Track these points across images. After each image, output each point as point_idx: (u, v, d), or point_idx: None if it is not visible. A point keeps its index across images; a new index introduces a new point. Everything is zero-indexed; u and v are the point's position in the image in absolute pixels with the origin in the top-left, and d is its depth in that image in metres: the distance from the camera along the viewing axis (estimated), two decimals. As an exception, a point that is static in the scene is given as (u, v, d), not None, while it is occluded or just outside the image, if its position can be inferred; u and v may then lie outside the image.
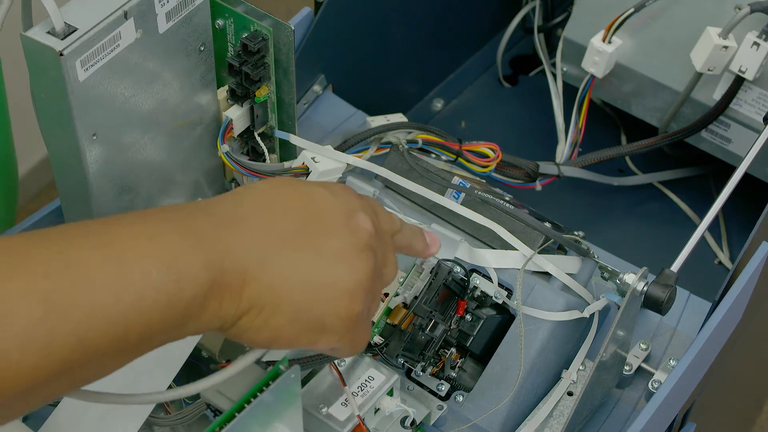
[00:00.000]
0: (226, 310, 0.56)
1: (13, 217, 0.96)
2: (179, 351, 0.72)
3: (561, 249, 0.84)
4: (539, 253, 0.80)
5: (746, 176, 0.83)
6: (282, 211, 0.59)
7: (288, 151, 0.86)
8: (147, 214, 0.57)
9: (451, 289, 0.77)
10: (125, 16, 0.68)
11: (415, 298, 0.75)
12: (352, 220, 0.60)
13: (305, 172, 0.82)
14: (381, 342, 0.76)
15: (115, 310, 0.51)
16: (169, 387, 0.73)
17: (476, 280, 0.80)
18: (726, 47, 0.90)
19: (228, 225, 0.57)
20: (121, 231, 0.54)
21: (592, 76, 0.97)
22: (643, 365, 0.81)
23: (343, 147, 0.86)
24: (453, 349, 0.79)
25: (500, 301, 0.79)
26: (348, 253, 0.59)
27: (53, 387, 0.52)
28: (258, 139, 0.83)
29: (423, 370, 0.78)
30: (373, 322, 0.77)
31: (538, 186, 0.94)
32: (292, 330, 0.58)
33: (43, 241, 0.53)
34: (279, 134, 0.84)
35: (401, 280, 0.77)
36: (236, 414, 0.61)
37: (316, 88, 1.00)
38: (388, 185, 0.87)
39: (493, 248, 0.82)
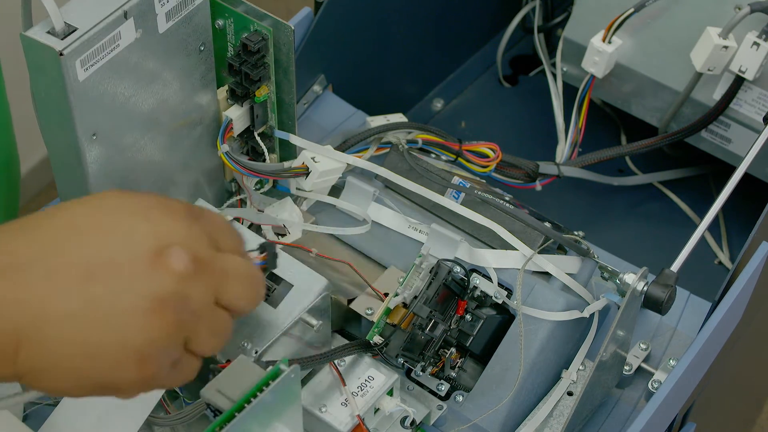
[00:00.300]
0: (1, 372, 0.52)
1: (16, 216, 0.96)
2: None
3: (561, 249, 0.84)
4: (539, 253, 0.80)
5: (746, 176, 0.83)
6: (73, 250, 0.52)
7: (288, 151, 0.86)
8: None
9: (451, 289, 0.77)
10: (125, 15, 0.68)
11: (415, 297, 0.75)
12: (160, 260, 0.52)
13: (305, 171, 0.82)
14: (381, 342, 0.76)
15: None
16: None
17: (476, 280, 0.80)
18: (726, 47, 0.90)
19: (9, 273, 0.51)
20: None
21: (592, 76, 0.97)
22: (643, 365, 0.81)
23: (343, 147, 0.86)
24: (453, 349, 0.79)
25: (500, 301, 0.79)
26: (140, 308, 0.52)
27: None
28: (258, 138, 0.83)
29: (423, 370, 0.78)
30: (373, 322, 0.77)
31: (538, 186, 0.94)
32: (80, 392, 0.53)
33: None
34: (279, 134, 0.84)
35: (401, 280, 0.77)
36: (236, 414, 0.61)
37: (316, 88, 1.00)
38: (388, 185, 0.87)
39: (493, 248, 0.82)
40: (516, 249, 0.81)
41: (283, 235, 0.83)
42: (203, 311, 0.54)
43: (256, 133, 0.83)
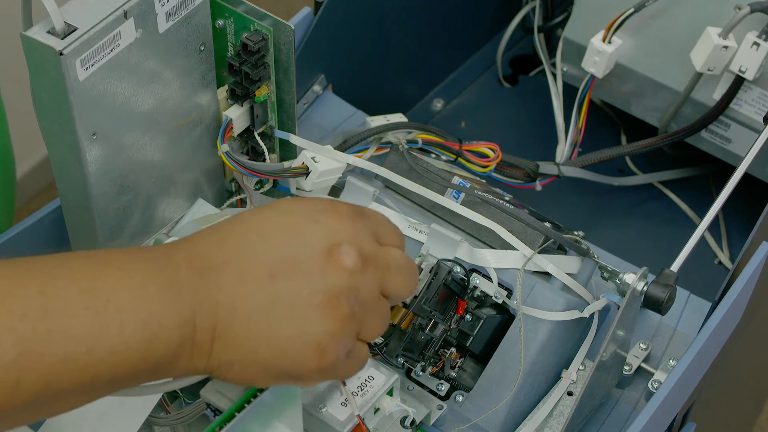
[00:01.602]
0: (196, 364, 0.57)
1: (12, 216, 0.96)
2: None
3: (561, 249, 0.84)
4: (539, 253, 0.80)
5: (746, 176, 0.83)
6: (259, 252, 0.58)
7: (288, 151, 0.86)
8: (134, 257, 0.57)
9: (451, 289, 0.77)
10: (125, 15, 0.68)
11: (415, 297, 0.75)
12: (332, 257, 0.58)
13: (305, 171, 0.82)
14: (381, 342, 0.76)
15: (86, 361, 0.53)
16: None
17: (476, 279, 0.80)
18: (726, 47, 0.90)
19: (205, 273, 0.57)
20: (105, 278, 0.54)
21: (592, 76, 0.97)
22: (643, 365, 0.81)
23: (343, 147, 0.86)
24: (453, 349, 0.79)
25: (500, 301, 0.79)
26: (318, 302, 0.57)
27: (18, 418, 0.53)
28: (258, 138, 0.83)
29: (423, 370, 0.78)
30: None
31: (538, 186, 0.94)
32: (266, 380, 0.59)
33: (26, 278, 0.53)
34: (279, 134, 0.84)
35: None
36: (236, 414, 0.61)
37: (316, 88, 1.00)
38: (388, 185, 0.87)
39: (493, 248, 0.82)
40: (516, 249, 0.81)
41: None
42: (371, 301, 0.60)
43: (256, 133, 0.83)
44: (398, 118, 0.91)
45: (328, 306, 0.57)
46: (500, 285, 0.80)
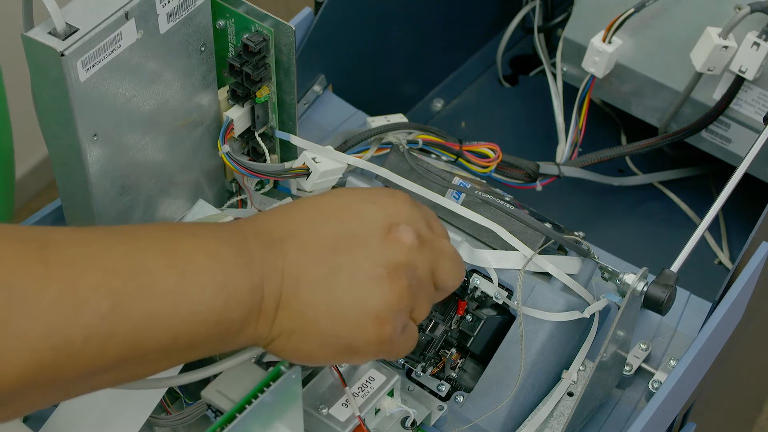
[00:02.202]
0: (260, 332, 0.59)
1: (11, 216, 0.96)
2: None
3: (561, 249, 0.84)
4: (539, 253, 0.80)
5: (746, 176, 0.83)
6: (321, 226, 0.60)
7: (289, 152, 0.86)
8: (205, 227, 0.60)
9: (452, 290, 0.77)
10: (126, 16, 0.68)
11: (416, 298, 0.75)
12: (391, 234, 0.61)
13: (306, 172, 0.82)
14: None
15: (171, 320, 0.55)
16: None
17: (476, 280, 0.80)
18: (726, 47, 0.90)
19: (271, 245, 0.59)
20: (183, 241, 0.57)
21: (592, 76, 0.97)
22: (644, 365, 0.81)
23: (344, 147, 0.86)
24: (453, 350, 0.80)
25: (500, 302, 0.79)
26: (378, 274, 0.60)
27: (105, 378, 0.55)
28: (259, 139, 0.83)
29: (423, 371, 0.78)
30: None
31: (538, 186, 0.94)
32: (323, 353, 0.60)
33: (114, 238, 0.56)
34: (280, 134, 0.84)
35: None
36: (237, 415, 0.61)
37: (317, 88, 1.00)
38: (389, 185, 0.87)
39: (494, 249, 0.82)
40: (516, 249, 0.81)
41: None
42: (425, 280, 0.62)
43: (256, 134, 0.83)
44: (398, 118, 0.91)
45: (386, 278, 0.59)
46: (501, 285, 0.80)
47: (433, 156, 0.89)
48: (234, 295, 0.57)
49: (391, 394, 0.75)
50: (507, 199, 0.86)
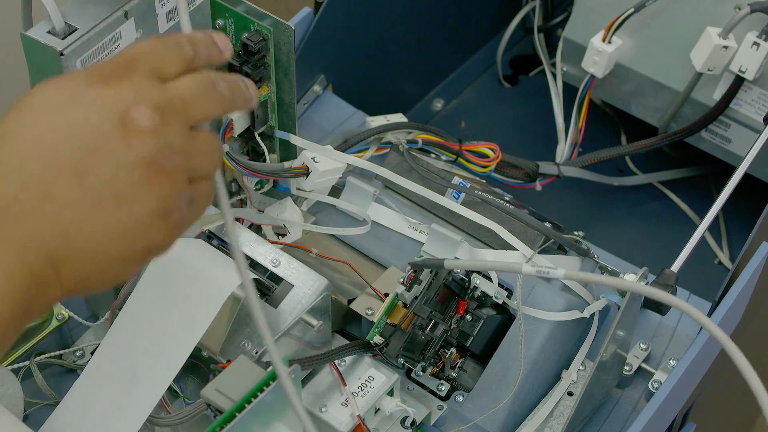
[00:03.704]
0: (51, 296, 0.54)
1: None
2: (179, 351, 0.72)
3: (561, 249, 0.84)
4: (539, 253, 0.80)
5: (746, 176, 0.83)
6: (51, 159, 0.52)
7: (288, 151, 0.86)
8: None
9: (451, 289, 0.77)
10: (125, 16, 0.68)
11: (415, 297, 0.75)
12: (127, 127, 0.53)
13: (305, 172, 0.82)
14: (381, 342, 0.76)
15: None
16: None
17: (476, 280, 0.80)
18: (726, 47, 0.90)
19: (7, 213, 0.52)
20: None
21: (592, 76, 0.97)
22: (643, 365, 0.81)
23: (344, 147, 0.86)
24: (453, 349, 0.79)
25: (500, 301, 0.79)
26: (138, 177, 0.53)
27: None
28: (258, 139, 0.83)
29: (423, 370, 0.78)
30: (374, 322, 0.77)
31: (538, 186, 0.94)
32: (129, 269, 0.56)
33: None
34: (279, 134, 0.84)
35: (401, 280, 0.77)
36: (236, 414, 0.61)
37: (316, 88, 1.00)
38: (388, 185, 0.87)
39: (494, 248, 0.82)
40: (516, 249, 0.81)
41: (283, 235, 0.83)
42: (187, 144, 0.55)
43: (256, 134, 0.83)
44: (398, 118, 0.91)
45: (148, 174, 0.53)
46: (500, 285, 0.80)
47: (433, 155, 0.89)
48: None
49: (390, 393, 0.75)
50: (507, 198, 0.86)
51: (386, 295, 0.79)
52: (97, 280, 0.55)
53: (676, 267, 0.77)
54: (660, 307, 0.75)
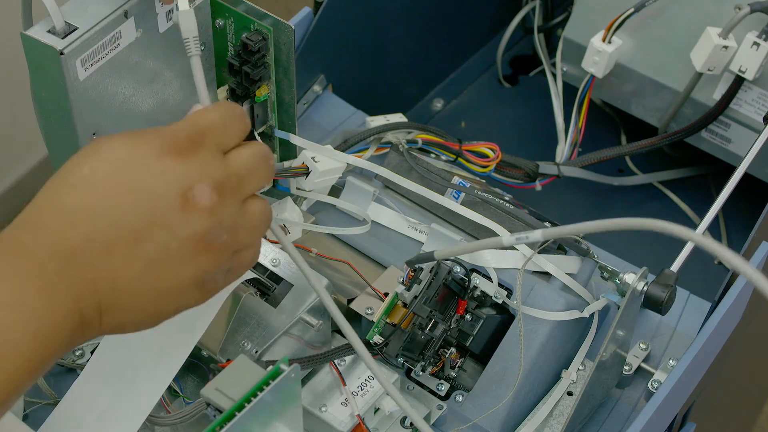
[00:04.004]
0: (89, 335, 0.59)
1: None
2: (179, 349, 0.72)
3: (561, 249, 0.84)
4: (539, 252, 0.80)
5: (746, 176, 0.83)
6: (116, 220, 0.57)
7: (288, 151, 0.86)
8: None
9: (451, 289, 0.77)
10: (125, 15, 0.68)
11: (415, 297, 0.75)
12: (188, 204, 0.58)
13: (305, 171, 0.82)
14: (381, 342, 0.76)
15: None
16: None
17: (476, 279, 0.80)
18: (726, 47, 0.90)
19: (73, 259, 0.57)
20: None
21: (592, 76, 0.97)
22: (643, 365, 0.81)
23: (343, 147, 0.86)
24: (453, 349, 0.79)
25: (500, 301, 0.79)
26: (188, 250, 0.58)
27: None
28: (258, 138, 0.83)
29: (423, 370, 0.78)
30: (373, 322, 0.77)
31: (537, 186, 0.94)
32: (159, 321, 0.61)
33: None
34: (279, 134, 0.84)
35: (400, 280, 0.77)
36: (236, 413, 0.61)
37: (316, 88, 1.00)
38: (388, 185, 0.87)
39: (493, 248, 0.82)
40: (516, 249, 0.81)
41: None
42: (236, 222, 0.60)
43: (256, 133, 0.83)
44: (398, 118, 0.91)
45: (197, 250, 0.58)
46: (500, 285, 0.80)
47: (433, 155, 0.89)
48: (51, 335, 0.56)
49: (390, 393, 0.75)
50: (506, 198, 0.86)
51: (386, 294, 0.79)
52: (129, 329, 0.60)
53: (676, 267, 0.77)
54: (660, 307, 0.75)
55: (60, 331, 0.57)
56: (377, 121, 0.90)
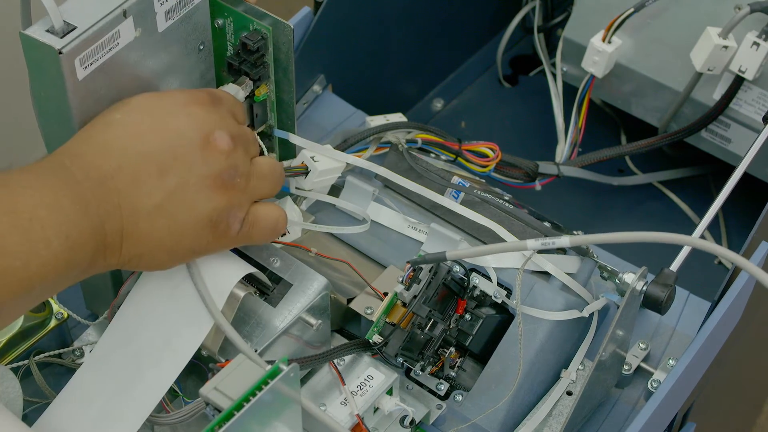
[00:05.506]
0: (110, 262, 0.65)
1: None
2: (187, 343, 0.72)
3: (561, 249, 0.84)
4: (539, 252, 0.80)
5: (746, 176, 0.83)
6: (145, 153, 0.65)
7: (287, 150, 0.86)
8: (37, 175, 0.63)
9: (451, 289, 0.77)
10: (124, 14, 0.68)
11: (414, 297, 0.75)
12: (209, 145, 0.67)
13: (305, 171, 0.82)
14: (380, 341, 0.75)
15: (22, 274, 0.60)
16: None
17: (476, 279, 0.80)
18: (726, 47, 0.90)
19: (104, 182, 0.64)
20: (23, 198, 0.61)
21: (592, 76, 0.97)
22: (643, 365, 0.81)
23: (343, 146, 0.86)
24: (452, 349, 0.79)
25: (499, 301, 0.79)
26: (206, 186, 0.66)
27: None
28: (257, 138, 0.83)
29: (422, 370, 0.78)
30: (373, 322, 0.77)
31: (537, 186, 0.94)
32: (171, 262, 0.68)
33: None
34: (278, 133, 0.84)
35: (400, 279, 0.77)
36: (235, 412, 0.61)
37: (316, 87, 1.00)
38: (388, 185, 0.87)
39: (493, 248, 0.82)
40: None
41: (282, 235, 0.83)
42: (248, 169, 0.69)
43: (255, 132, 0.83)
44: (398, 118, 0.91)
45: (213, 187, 0.66)
46: (500, 285, 0.80)
47: (432, 155, 0.89)
48: (78, 241, 0.62)
49: (390, 392, 0.75)
50: (506, 198, 0.86)
51: (385, 294, 0.79)
52: (146, 261, 0.67)
53: (675, 267, 0.77)
54: (659, 307, 0.75)
55: (86, 242, 0.62)
56: (377, 120, 0.90)
